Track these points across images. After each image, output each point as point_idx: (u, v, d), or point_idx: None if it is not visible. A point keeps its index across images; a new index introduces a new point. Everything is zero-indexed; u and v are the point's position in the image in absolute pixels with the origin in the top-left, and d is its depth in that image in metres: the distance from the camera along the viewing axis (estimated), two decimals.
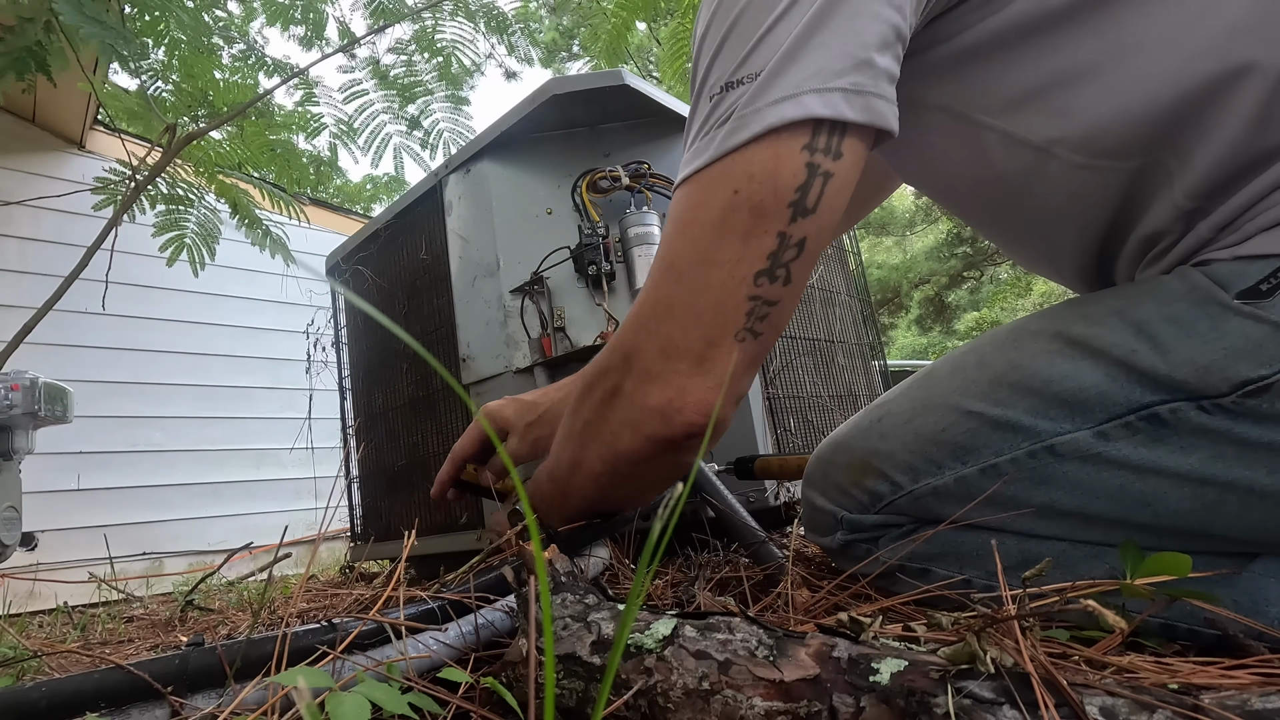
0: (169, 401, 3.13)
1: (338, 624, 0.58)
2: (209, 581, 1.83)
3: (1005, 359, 0.62)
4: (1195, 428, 0.51)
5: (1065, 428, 0.56)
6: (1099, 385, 0.55)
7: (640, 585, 0.16)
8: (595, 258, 1.18)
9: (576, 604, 0.48)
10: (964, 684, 0.34)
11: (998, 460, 0.59)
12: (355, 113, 2.32)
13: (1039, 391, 0.58)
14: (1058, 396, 0.57)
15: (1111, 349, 0.55)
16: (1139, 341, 0.53)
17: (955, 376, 0.65)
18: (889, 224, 13.45)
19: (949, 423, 0.63)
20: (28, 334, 1.70)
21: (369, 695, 0.41)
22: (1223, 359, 0.50)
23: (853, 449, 0.71)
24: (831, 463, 0.74)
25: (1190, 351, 0.51)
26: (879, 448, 0.68)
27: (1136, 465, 0.54)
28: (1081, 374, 0.56)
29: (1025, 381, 0.59)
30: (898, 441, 0.67)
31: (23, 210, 2.68)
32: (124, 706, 0.49)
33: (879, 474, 0.68)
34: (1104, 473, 0.55)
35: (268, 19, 2.38)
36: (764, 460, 1.06)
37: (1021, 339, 0.63)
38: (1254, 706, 0.31)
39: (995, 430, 0.60)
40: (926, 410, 0.65)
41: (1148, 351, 0.53)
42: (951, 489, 0.62)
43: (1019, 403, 0.59)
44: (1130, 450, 0.54)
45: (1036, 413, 0.57)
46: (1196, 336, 0.51)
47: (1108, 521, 0.56)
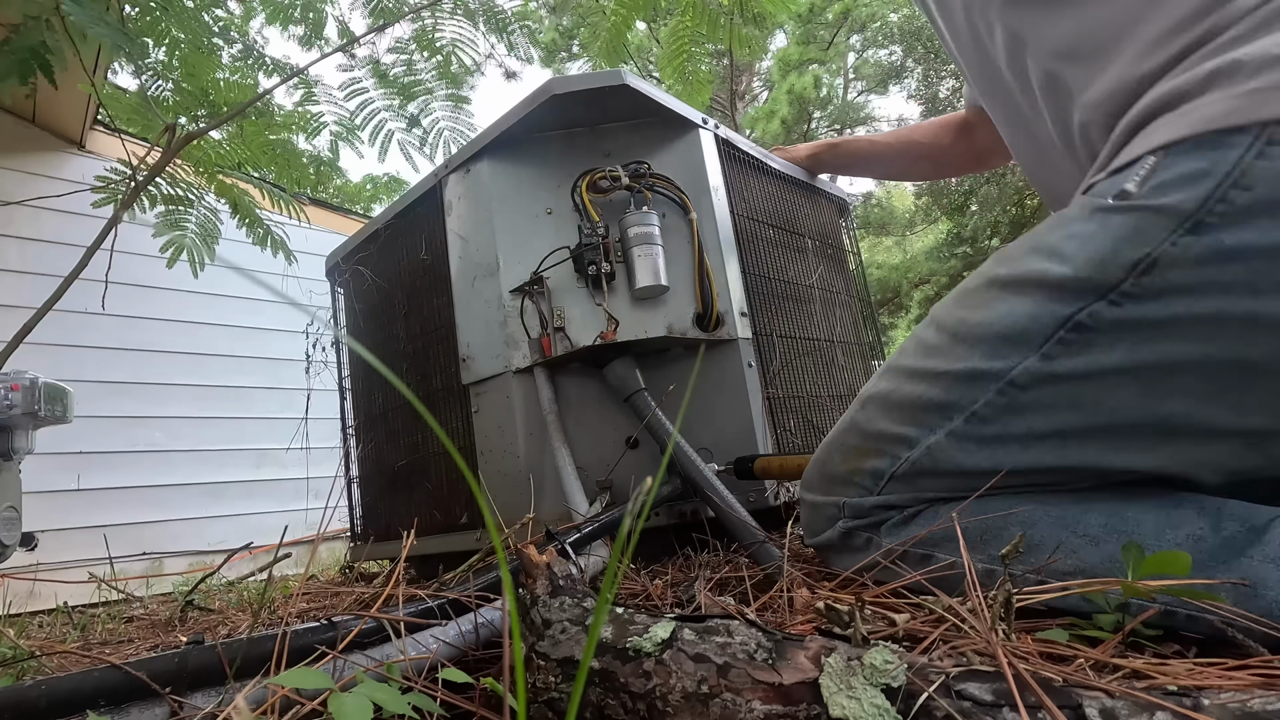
0: (169, 401, 3.12)
1: (337, 622, 0.58)
2: (209, 581, 1.83)
3: (955, 318, 0.69)
4: (1112, 323, 0.58)
5: (1016, 360, 0.62)
6: (1030, 313, 0.62)
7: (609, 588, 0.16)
8: (595, 258, 1.18)
9: (574, 607, 0.48)
10: (964, 686, 0.34)
11: (975, 408, 0.65)
12: (355, 111, 2.32)
13: (987, 337, 0.65)
14: (1002, 336, 0.64)
15: (1030, 277, 0.63)
16: (1049, 262, 0.62)
17: (920, 348, 0.72)
18: (889, 224, 13.43)
19: (925, 387, 0.69)
20: (28, 334, 1.70)
21: (370, 695, 0.41)
22: (1112, 249, 0.58)
23: (846, 439, 0.76)
24: (828, 459, 0.78)
25: (1087, 252, 0.59)
26: (872, 428, 0.73)
27: (1081, 374, 0.60)
28: (1014, 310, 0.63)
29: (974, 332, 0.66)
30: (887, 419, 0.72)
31: (23, 210, 2.67)
32: (123, 705, 0.49)
33: (877, 452, 0.72)
34: (1060, 388, 0.61)
35: (267, 18, 2.38)
36: (764, 461, 1.06)
37: (964, 297, 0.70)
38: (1254, 708, 0.31)
39: (964, 383, 0.66)
40: (904, 384, 0.71)
41: (1056, 267, 0.61)
42: (946, 449, 0.67)
43: (975, 352, 0.65)
44: (1071, 362, 0.60)
45: (992, 356, 0.64)
46: (1089, 239, 0.60)
47: (1080, 434, 0.61)
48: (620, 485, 1.17)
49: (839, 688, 0.35)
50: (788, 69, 10.64)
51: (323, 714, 0.40)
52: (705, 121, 1.33)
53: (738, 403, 1.19)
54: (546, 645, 0.46)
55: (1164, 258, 0.55)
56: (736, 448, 1.17)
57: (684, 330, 1.20)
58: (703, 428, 1.19)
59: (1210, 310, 0.54)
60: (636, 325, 1.20)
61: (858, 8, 10.86)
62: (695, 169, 1.28)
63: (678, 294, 1.22)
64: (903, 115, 17.76)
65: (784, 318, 1.36)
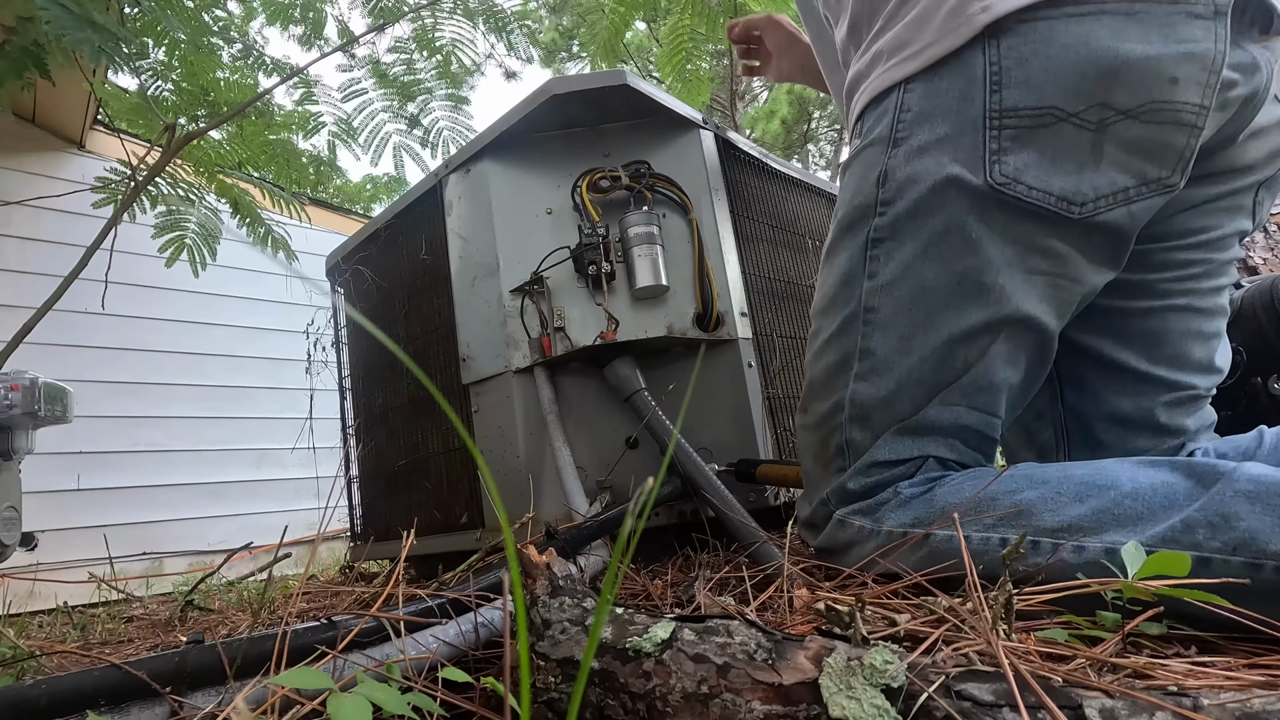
0: (169, 401, 3.12)
1: (337, 622, 0.58)
2: (209, 581, 1.83)
3: (816, 304, 0.86)
4: (889, 226, 0.77)
5: (856, 291, 0.79)
6: (846, 256, 0.81)
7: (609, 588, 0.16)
8: (595, 257, 1.18)
9: (574, 607, 0.48)
10: (964, 686, 0.34)
11: (860, 345, 0.78)
12: (355, 111, 2.32)
13: (836, 294, 0.81)
14: (841, 283, 0.81)
15: (834, 235, 0.84)
16: (836, 218, 0.84)
17: (810, 340, 0.86)
18: None
19: (824, 360, 0.81)
20: (28, 334, 1.70)
21: (369, 696, 0.41)
22: (860, 181, 0.80)
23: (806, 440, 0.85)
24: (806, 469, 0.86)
25: (849, 192, 0.82)
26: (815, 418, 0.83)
27: (900, 273, 0.76)
28: (838, 262, 0.82)
29: (828, 297, 0.83)
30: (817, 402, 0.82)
31: (23, 210, 2.67)
32: (123, 705, 0.49)
33: (828, 432, 0.80)
34: (894, 292, 0.76)
35: (267, 18, 2.38)
36: (766, 467, 1.06)
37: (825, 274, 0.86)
38: (1254, 708, 0.31)
39: (841, 335, 0.80)
40: (814, 368, 0.84)
41: (839, 213, 0.84)
42: (861, 392, 0.77)
43: (835, 309, 0.81)
44: (888, 269, 0.77)
45: (845, 303, 0.80)
46: (847, 185, 0.83)
47: (928, 316, 0.75)
48: (620, 485, 1.17)
49: (839, 688, 0.35)
50: None
51: (323, 714, 0.40)
52: (705, 121, 1.33)
53: (738, 403, 1.19)
54: (546, 645, 0.46)
55: (888, 168, 0.77)
56: (736, 448, 1.17)
57: (684, 330, 1.20)
58: (703, 428, 1.19)
59: (925, 188, 0.73)
60: (636, 325, 1.20)
61: None
62: (695, 169, 1.28)
63: (678, 294, 1.22)
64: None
65: (784, 318, 1.36)
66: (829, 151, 13.46)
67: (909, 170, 0.75)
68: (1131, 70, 0.64)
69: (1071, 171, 0.68)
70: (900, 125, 0.77)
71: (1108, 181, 0.68)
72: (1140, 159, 0.68)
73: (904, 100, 0.77)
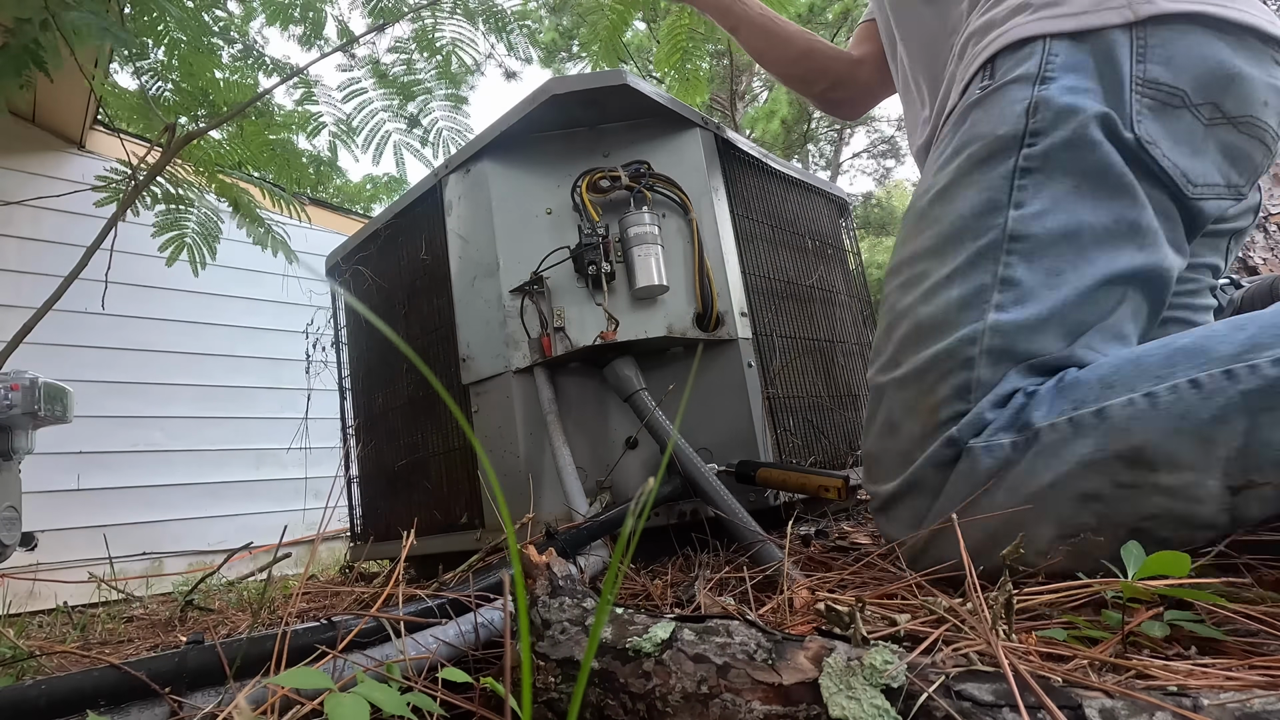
0: (169, 401, 3.12)
1: (337, 622, 0.58)
2: (209, 581, 1.83)
3: (924, 241, 0.81)
4: (1041, 155, 0.74)
5: (999, 220, 0.75)
6: (984, 185, 0.77)
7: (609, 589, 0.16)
8: (595, 258, 1.18)
9: (574, 607, 0.48)
10: (964, 687, 0.34)
11: (1001, 274, 0.73)
12: (354, 111, 2.32)
13: (964, 226, 0.77)
14: (976, 214, 0.76)
15: (963, 166, 0.80)
16: (969, 149, 0.80)
17: (907, 285, 0.81)
18: (889, 224, 13.44)
19: (944, 296, 0.76)
20: (28, 334, 1.70)
21: (368, 696, 0.41)
22: (1003, 112, 0.78)
23: (899, 393, 0.77)
24: (893, 433, 0.78)
25: (989, 124, 0.79)
26: (921, 364, 0.75)
27: (1049, 206, 0.73)
28: (969, 195, 0.77)
29: (952, 230, 0.78)
30: (930, 341, 0.75)
31: (23, 210, 2.67)
32: (123, 705, 0.49)
33: (944, 374, 0.73)
34: (1044, 222, 0.73)
35: (267, 18, 2.37)
36: (766, 471, 1.06)
37: (915, 232, 0.83)
38: (1254, 708, 0.31)
39: (974, 266, 0.75)
40: (922, 309, 0.78)
41: (977, 146, 0.79)
42: (1004, 321, 0.71)
43: (963, 241, 0.77)
44: (1038, 200, 0.74)
45: (979, 234, 0.76)
46: (983, 119, 0.80)
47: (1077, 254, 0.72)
48: (620, 485, 1.18)
49: (839, 688, 0.35)
50: None
51: (322, 714, 0.40)
52: (705, 121, 1.33)
53: (738, 403, 1.19)
54: (546, 646, 0.46)
55: (1040, 99, 0.75)
56: (736, 448, 1.17)
57: (684, 330, 1.20)
58: (703, 428, 1.19)
59: (1084, 119, 0.72)
60: (636, 325, 1.20)
61: (858, 8, 10.86)
62: (695, 169, 1.28)
63: (678, 294, 1.22)
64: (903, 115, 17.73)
65: (784, 318, 1.36)
66: (829, 151, 13.45)
67: (1065, 101, 0.73)
68: (1243, 83, 0.73)
69: (1187, 154, 0.73)
70: (1049, 66, 0.76)
71: (1209, 173, 0.74)
72: (1228, 164, 0.75)
73: (1050, 47, 0.77)
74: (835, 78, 1.31)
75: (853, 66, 1.29)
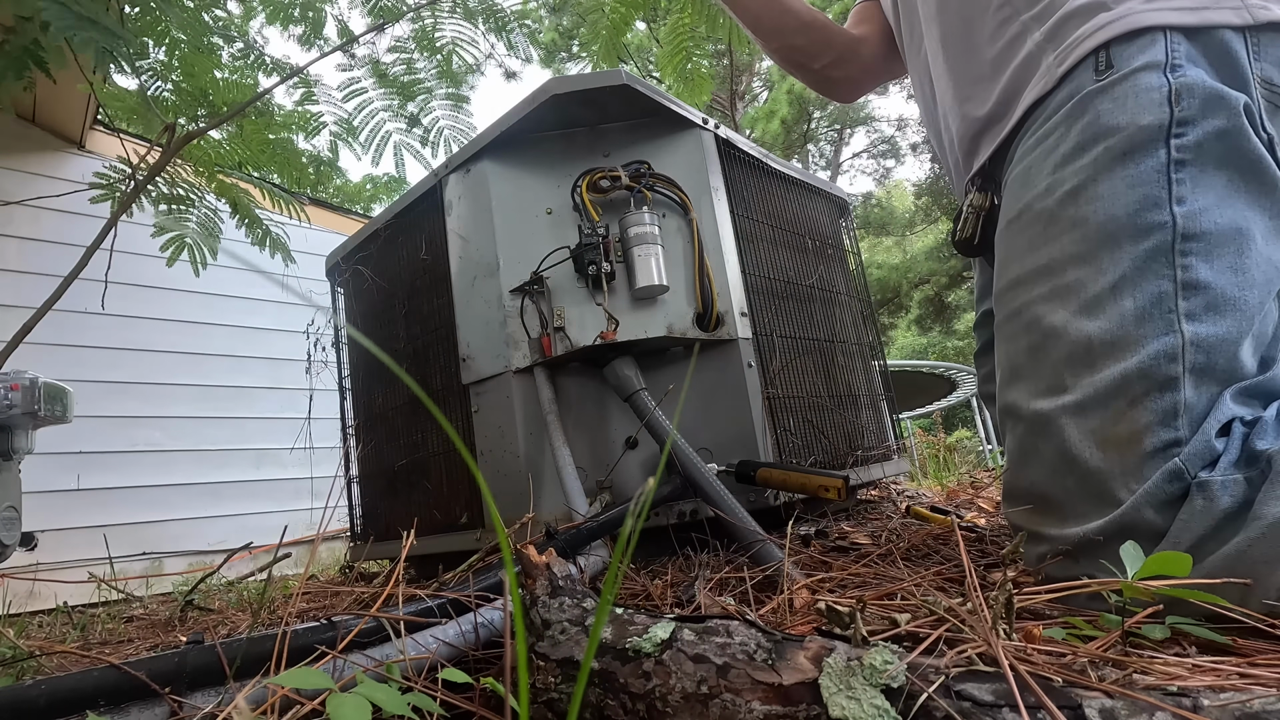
0: (169, 401, 3.12)
1: (337, 622, 0.58)
2: (209, 581, 1.83)
3: (1063, 248, 0.73)
4: (1194, 146, 0.68)
5: (1162, 219, 0.67)
6: (1129, 182, 0.69)
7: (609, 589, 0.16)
8: (595, 257, 1.18)
9: (574, 608, 0.48)
10: (964, 687, 0.34)
11: (1180, 279, 0.65)
12: (355, 111, 2.32)
13: (1117, 228, 0.69)
14: (1131, 214, 0.69)
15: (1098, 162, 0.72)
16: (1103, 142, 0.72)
17: (1051, 298, 0.73)
18: (889, 224, 13.44)
19: (1112, 308, 0.67)
20: (28, 334, 1.70)
21: (369, 696, 0.41)
22: (1141, 100, 0.71)
23: (1077, 424, 0.68)
24: (1064, 462, 0.68)
25: (1127, 114, 0.71)
26: (1100, 390, 0.67)
27: (1217, 200, 0.67)
28: (1114, 192, 0.70)
29: (1102, 233, 0.70)
30: (1106, 365, 0.67)
31: (23, 210, 2.67)
32: (123, 705, 0.49)
33: (1134, 400, 0.64)
34: (1214, 217, 0.66)
35: (267, 18, 2.37)
36: (766, 471, 1.06)
37: (1042, 240, 0.75)
38: (1254, 708, 0.31)
39: (1142, 272, 0.67)
40: (1085, 324, 0.69)
41: (1114, 140, 0.71)
42: (1200, 332, 0.64)
43: (1120, 245, 0.69)
44: (1201, 196, 0.67)
45: (1137, 237, 0.68)
46: (1116, 109, 0.72)
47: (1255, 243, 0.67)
48: (620, 485, 1.18)
49: (839, 688, 0.35)
50: None
51: (323, 714, 0.40)
52: (705, 121, 1.33)
53: (738, 403, 1.19)
54: (546, 646, 0.46)
55: (1182, 85, 0.68)
56: (736, 448, 1.17)
57: (684, 330, 1.20)
58: (703, 428, 1.19)
59: (1234, 107, 0.66)
60: (636, 325, 1.20)
61: None
62: (695, 169, 1.28)
63: (678, 294, 1.22)
64: (903, 115, 17.78)
65: (784, 318, 1.36)
66: (829, 151, 13.46)
67: (1210, 89, 0.67)
68: None
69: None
70: (1175, 54, 0.70)
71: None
72: None
73: (1172, 38, 0.71)
74: (838, 53, 1.23)
75: (855, 43, 1.22)
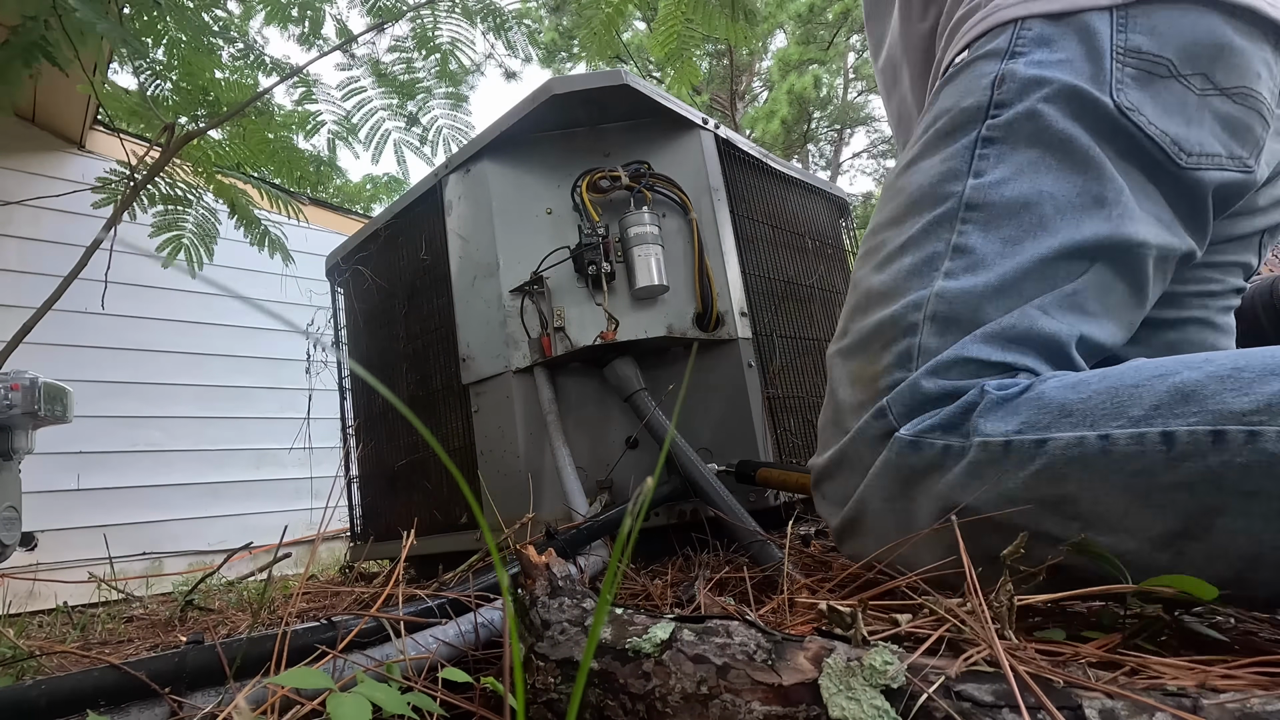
0: (169, 401, 3.12)
1: (337, 622, 0.58)
2: (209, 581, 1.83)
3: (886, 213, 0.80)
4: (1006, 126, 0.73)
5: (957, 188, 0.73)
6: (945, 156, 0.76)
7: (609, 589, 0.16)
8: (595, 257, 1.18)
9: (574, 608, 0.48)
10: (964, 687, 0.34)
11: (953, 242, 0.71)
12: (354, 109, 2.32)
13: (924, 195, 0.76)
14: (935, 183, 0.75)
15: (929, 142, 0.79)
16: (936, 124, 0.79)
17: (867, 255, 0.80)
18: None
19: (897, 264, 0.74)
20: (27, 334, 1.70)
21: (369, 696, 0.41)
22: (970, 84, 0.77)
23: (847, 366, 0.75)
24: (837, 399, 0.75)
25: (955, 97, 0.78)
26: (868, 329, 0.73)
27: (1013, 174, 0.72)
28: (931, 165, 0.76)
29: (911, 199, 0.77)
30: (879, 309, 0.73)
31: (23, 210, 2.67)
32: (123, 705, 0.49)
33: (888, 340, 0.71)
34: (1004, 190, 0.72)
35: (266, 18, 2.37)
36: (766, 471, 1.06)
37: (882, 204, 0.82)
38: (1254, 708, 0.31)
39: (928, 234, 0.73)
40: (874, 278, 0.76)
41: (943, 121, 0.78)
42: (952, 287, 0.69)
43: (921, 210, 0.75)
44: (999, 169, 0.72)
45: (936, 203, 0.74)
46: (952, 92, 0.79)
47: (1039, 221, 0.71)
48: (620, 485, 1.17)
49: (838, 689, 0.35)
50: (788, 69, 10.65)
51: (323, 714, 0.40)
52: (705, 121, 1.33)
53: (738, 403, 1.19)
54: (546, 646, 0.46)
55: (1006, 71, 0.73)
56: (736, 448, 1.17)
57: (684, 330, 1.20)
58: (703, 428, 1.19)
59: (1049, 91, 0.71)
60: (636, 325, 1.20)
61: (858, 8, 10.85)
62: (695, 169, 1.28)
63: (678, 294, 1.22)
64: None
65: (784, 318, 1.36)
66: (829, 151, 13.45)
67: (1030, 73, 0.72)
68: (1234, 54, 0.71)
69: (1180, 123, 0.71)
70: (1020, 42, 0.74)
71: (1206, 141, 0.72)
72: (1228, 134, 0.73)
73: (1023, 25, 0.75)
74: None
75: None
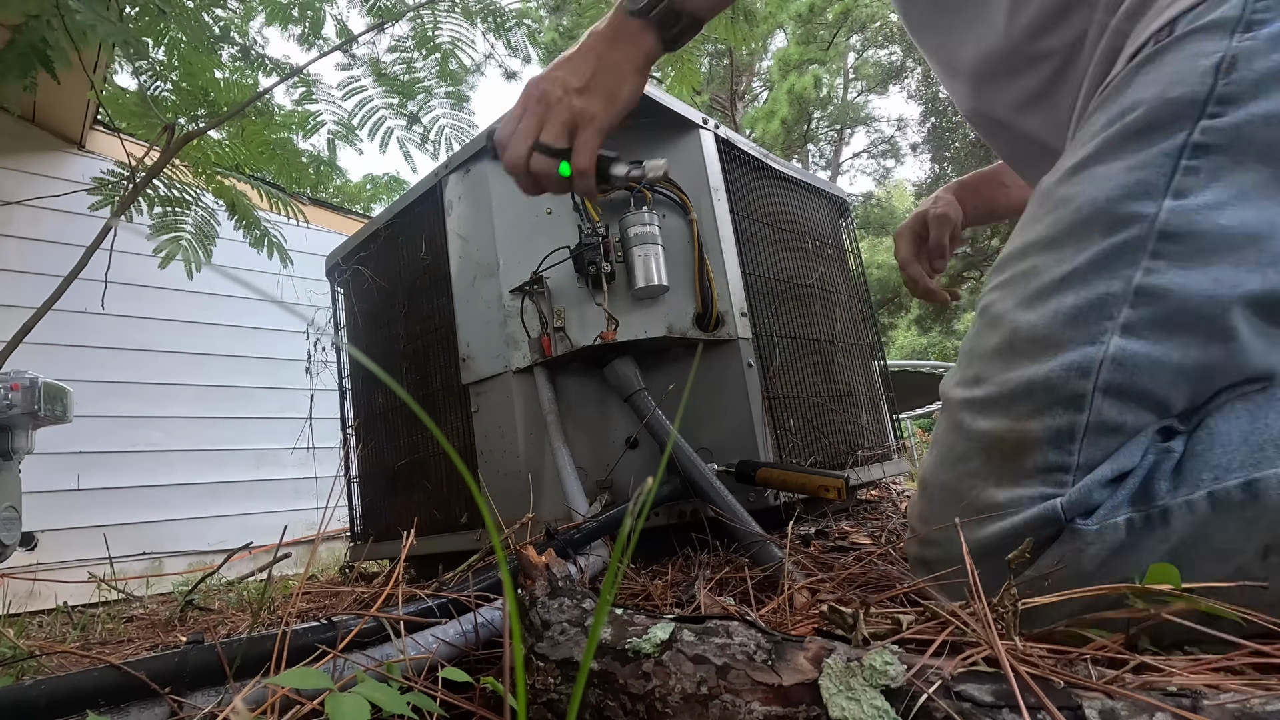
0: (169, 401, 3.13)
1: (337, 622, 0.58)
2: (209, 581, 1.83)
3: (1043, 230, 0.61)
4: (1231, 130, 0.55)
5: (1150, 210, 0.55)
6: (1131, 165, 0.57)
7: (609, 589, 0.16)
8: (595, 257, 1.18)
9: (574, 608, 0.48)
10: (964, 687, 0.34)
11: (1135, 283, 0.54)
12: (354, 109, 2.32)
13: (1097, 214, 0.57)
14: (1116, 200, 0.56)
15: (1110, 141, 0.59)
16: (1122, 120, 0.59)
17: (1010, 287, 0.62)
18: (889, 224, 13.44)
19: (1054, 303, 0.57)
20: (27, 334, 1.70)
21: (368, 695, 0.41)
22: (1182, 70, 0.56)
23: (980, 422, 0.59)
24: (952, 458, 0.61)
25: (1159, 86, 0.58)
26: (1005, 392, 0.57)
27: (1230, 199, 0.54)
28: (1110, 174, 0.58)
29: (1078, 218, 0.58)
30: (1021, 364, 0.57)
31: (23, 210, 2.67)
32: (123, 705, 0.49)
33: (1035, 411, 0.55)
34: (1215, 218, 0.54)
35: (267, 18, 2.38)
36: (766, 471, 1.06)
37: (1032, 219, 0.63)
38: (1254, 708, 0.31)
39: (1101, 268, 0.56)
40: (1020, 317, 0.59)
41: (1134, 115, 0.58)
42: (1131, 347, 0.53)
43: (1092, 235, 0.57)
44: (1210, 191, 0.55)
45: (1114, 227, 0.56)
46: (1154, 80, 0.59)
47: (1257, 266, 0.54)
48: (620, 485, 1.17)
49: (838, 689, 0.35)
50: (788, 69, 10.66)
51: (322, 714, 0.40)
52: (705, 121, 1.33)
53: (738, 403, 1.19)
54: (545, 646, 0.46)
55: (1236, 53, 0.53)
56: (736, 448, 1.17)
57: (684, 330, 1.20)
58: (703, 428, 1.19)
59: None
60: (636, 325, 1.20)
61: (858, 8, 10.87)
62: (695, 169, 1.28)
63: (678, 294, 1.22)
64: (903, 115, 17.78)
65: (784, 318, 1.36)
66: (829, 151, 13.46)
67: (1276, 58, 0.52)
68: None
69: None
70: (1260, 7, 0.54)
71: None
72: None
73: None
74: None
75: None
